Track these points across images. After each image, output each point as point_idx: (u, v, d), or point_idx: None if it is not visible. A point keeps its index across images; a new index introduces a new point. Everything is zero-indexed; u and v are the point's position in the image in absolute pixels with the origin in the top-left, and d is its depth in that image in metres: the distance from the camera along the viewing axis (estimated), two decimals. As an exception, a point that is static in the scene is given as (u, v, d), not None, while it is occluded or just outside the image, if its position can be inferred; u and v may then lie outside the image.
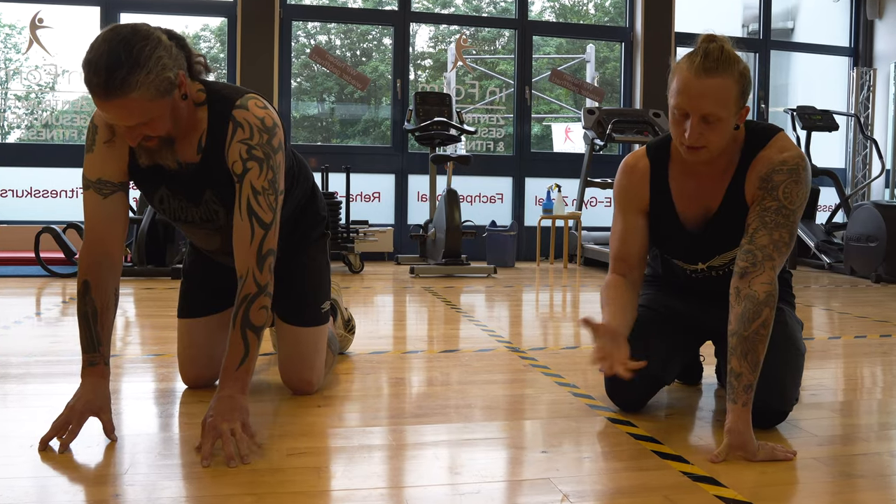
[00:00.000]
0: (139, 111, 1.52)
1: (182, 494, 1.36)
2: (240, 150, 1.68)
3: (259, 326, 1.64)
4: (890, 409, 2.10)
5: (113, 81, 1.47)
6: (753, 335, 1.61)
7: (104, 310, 1.69)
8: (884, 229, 5.72)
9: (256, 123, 1.70)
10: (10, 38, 7.58)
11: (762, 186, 1.72)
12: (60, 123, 7.10)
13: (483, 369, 2.48)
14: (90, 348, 1.68)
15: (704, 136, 1.65)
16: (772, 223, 1.69)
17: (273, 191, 1.70)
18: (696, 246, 1.87)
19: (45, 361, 2.49)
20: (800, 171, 1.71)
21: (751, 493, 1.40)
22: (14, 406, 1.97)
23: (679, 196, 1.85)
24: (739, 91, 1.64)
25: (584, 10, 10.74)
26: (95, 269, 1.69)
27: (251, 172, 1.68)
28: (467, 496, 1.38)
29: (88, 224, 1.72)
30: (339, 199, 6.08)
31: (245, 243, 1.67)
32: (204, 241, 1.97)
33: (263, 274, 1.66)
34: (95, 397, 1.65)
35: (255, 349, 1.64)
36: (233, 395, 1.59)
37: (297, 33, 8.16)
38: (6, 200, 6.95)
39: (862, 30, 8.48)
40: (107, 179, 1.71)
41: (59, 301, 4.02)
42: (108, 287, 1.70)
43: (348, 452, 1.62)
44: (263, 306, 1.65)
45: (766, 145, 1.74)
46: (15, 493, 1.35)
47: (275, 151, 1.71)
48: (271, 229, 1.68)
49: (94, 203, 1.71)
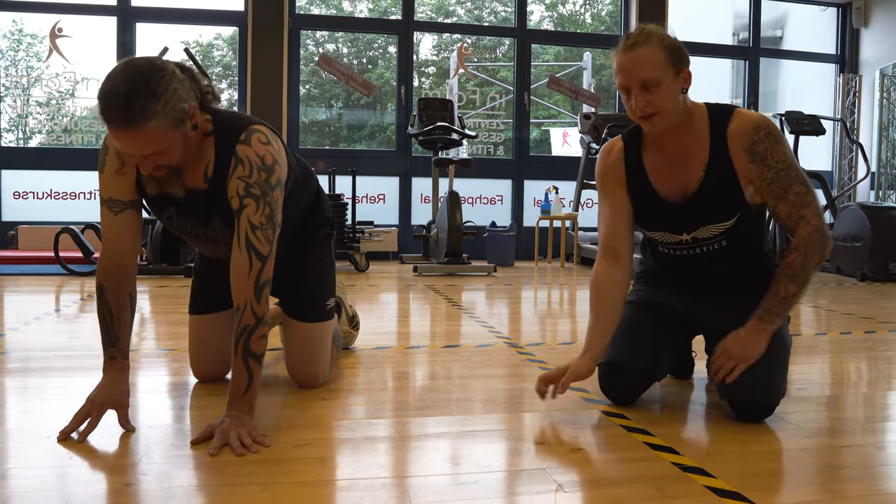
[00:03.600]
0: (154, 140, 1.52)
1: (193, 483, 1.36)
2: (237, 187, 1.67)
3: (259, 354, 1.64)
4: (874, 402, 2.09)
5: (131, 111, 1.46)
6: (791, 263, 1.76)
7: (119, 309, 1.71)
8: (869, 229, 5.70)
9: (256, 162, 1.67)
10: (31, 48, 7.60)
11: (752, 160, 1.75)
12: (79, 128, 7.10)
13: (483, 364, 2.47)
14: (109, 344, 1.71)
15: (651, 102, 1.71)
16: (780, 190, 1.76)
17: (270, 225, 1.68)
18: (679, 218, 1.86)
19: (63, 356, 2.49)
20: (773, 131, 1.76)
21: (739, 484, 1.39)
22: (34, 399, 1.97)
23: (655, 175, 1.86)
24: (667, 55, 1.70)
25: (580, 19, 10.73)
26: (108, 276, 1.72)
27: (248, 209, 1.66)
28: (466, 486, 1.37)
29: (103, 237, 1.76)
30: (345, 200, 6.08)
31: (243, 275, 1.65)
32: (210, 251, 1.98)
33: (261, 305, 1.65)
34: (114, 390, 1.67)
35: (258, 375, 1.64)
36: (240, 415, 1.60)
37: (305, 42, 8.15)
38: (28, 202, 6.96)
39: (848, 38, 8.46)
40: (116, 198, 1.73)
41: (78, 298, 4.02)
42: (123, 290, 1.73)
43: (352, 444, 1.61)
44: (262, 335, 1.65)
45: (730, 119, 1.78)
46: (34, 481, 1.35)
47: (272, 189, 1.69)
48: (268, 261, 1.68)
49: (107, 219, 1.74)
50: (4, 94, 7.04)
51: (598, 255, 1.92)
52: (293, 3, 7.19)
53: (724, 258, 1.87)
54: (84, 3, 6.96)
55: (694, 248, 1.89)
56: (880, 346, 2.94)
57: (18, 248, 6.52)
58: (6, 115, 7.12)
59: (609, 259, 1.89)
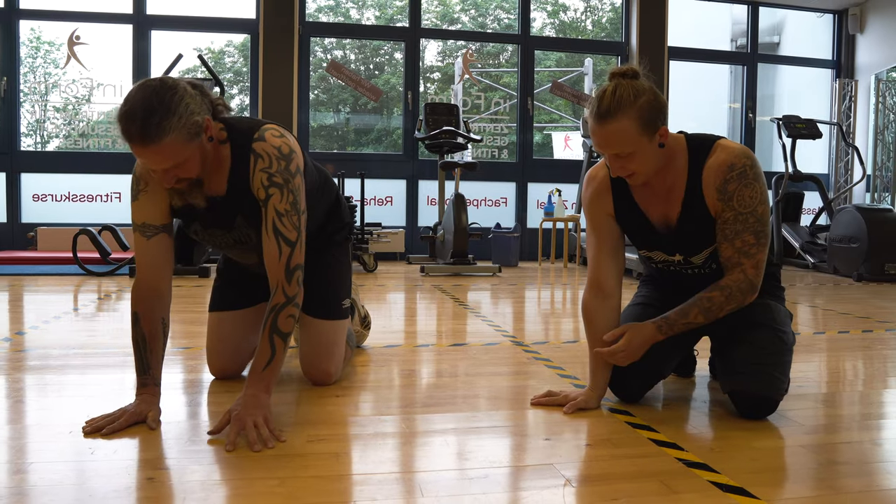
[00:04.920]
0: (173, 154, 1.56)
1: (211, 478, 1.37)
2: (261, 179, 1.72)
3: (286, 333, 1.67)
4: (871, 400, 2.09)
5: (149, 128, 1.51)
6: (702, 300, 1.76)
7: (152, 337, 1.74)
8: (865, 231, 5.69)
9: (274, 153, 1.73)
10: (49, 54, 7.62)
11: (720, 198, 1.72)
12: (96, 133, 7.12)
13: (489, 362, 2.47)
14: (142, 371, 1.73)
15: (626, 168, 1.68)
16: (731, 234, 1.73)
17: (295, 211, 1.73)
18: (670, 242, 1.86)
19: (82, 354, 2.50)
20: (747, 172, 1.70)
21: (742, 479, 1.39)
22: (53, 395, 1.98)
23: (641, 200, 1.85)
24: (640, 125, 1.63)
25: (582, 26, 10.72)
26: (143, 302, 1.75)
27: (273, 198, 1.71)
28: (477, 480, 1.37)
29: (137, 263, 1.78)
30: (354, 202, 6.09)
31: (275, 261, 1.70)
32: (242, 258, 2.02)
33: (292, 286, 1.69)
34: (146, 408, 1.69)
35: (282, 353, 1.66)
36: (257, 393, 1.61)
37: (314, 48, 8.17)
38: (46, 205, 6.99)
39: (844, 44, 8.44)
40: (150, 223, 1.77)
41: (95, 298, 4.04)
42: (156, 317, 1.75)
43: (364, 439, 1.62)
44: (291, 315, 1.68)
45: (709, 153, 1.74)
46: (55, 476, 1.36)
47: (293, 176, 1.74)
48: (297, 246, 1.72)
49: (141, 245, 1.77)
50: (23, 99, 7.06)
51: (587, 287, 1.90)
52: (303, 10, 7.20)
53: (719, 273, 1.84)
54: (101, 12, 6.99)
55: (686, 268, 1.89)
56: (877, 345, 2.93)
57: (38, 248, 6.55)
58: (25, 120, 7.14)
59: (595, 292, 1.87)
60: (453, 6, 10.12)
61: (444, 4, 9.89)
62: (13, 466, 1.41)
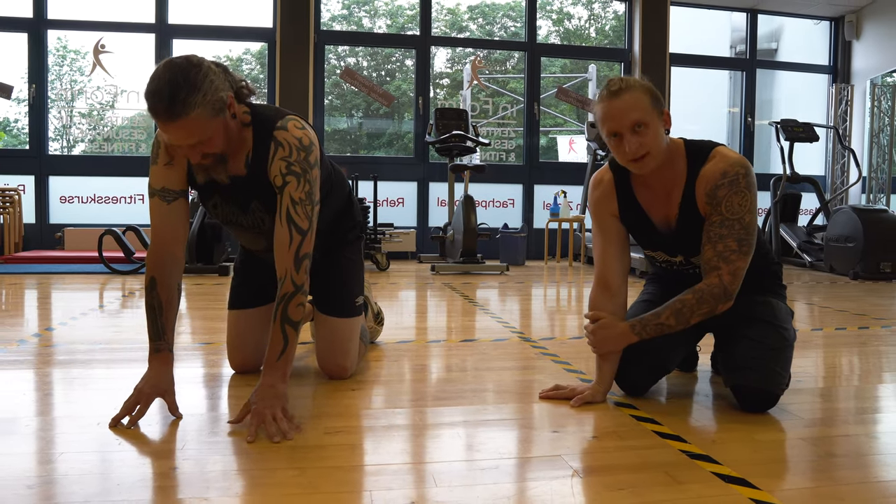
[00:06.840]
0: (199, 129, 1.55)
1: (232, 468, 1.37)
2: (280, 167, 1.70)
3: (296, 321, 1.65)
4: (867, 394, 2.07)
5: (175, 104, 1.49)
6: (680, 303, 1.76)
7: (168, 303, 1.72)
8: (861, 231, 5.65)
9: (294, 143, 1.71)
10: (75, 63, 7.67)
11: (709, 202, 1.72)
12: (120, 137, 7.17)
13: (497, 357, 2.47)
14: (156, 337, 1.71)
15: (643, 144, 1.68)
16: (715, 237, 1.72)
17: (310, 202, 1.71)
18: (671, 242, 1.86)
19: (107, 349, 2.51)
20: (739, 181, 1.70)
21: (744, 470, 1.38)
22: (79, 389, 1.99)
23: (643, 202, 1.85)
24: (650, 99, 1.68)
25: (586, 33, 10.69)
26: (161, 267, 1.72)
27: (289, 185, 1.69)
28: (488, 471, 1.37)
29: (154, 227, 1.75)
30: (367, 204, 6.10)
31: (284, 248, 1.67)
32: (251, 243, 2.00)
33: (300, 275, 1.66)
34: (161, 380, 1.68)
35: (294, 342, 1.65)
36: (274, 383, 1.61)
37: (328, 56, 8.18)
38: (73, 206, 7.03)
39: (841, 50, 8.38)
40: (170, 188, 1.74)
41: (120, 295, 4.06)
42: (172, 283, 1.73)
43: (379, 431, 1.62)
44: (300, 303, 1.66)
45: (707, 160, 1.74)
46: (83, 466, 1.36)
47: (311, 167, 1.72)
48: (307, 235, 1.69)
49: (159, 209, 1.74)
50: (50, 105, 7.10)
51: (594, 285, 1.91)
52: (318, 19, 7.22)
53: None
54: (125, 21, 7.02)
55: (688, 268, 1.89)
56: (873, 342, 2.91)
57: (65, 248, 6.59)
58: (52, 125, 7.19)
59: (602, 290, 1.88)
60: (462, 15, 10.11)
61: (453, 13, 9.89)
62: (43, 456, 1.42)
